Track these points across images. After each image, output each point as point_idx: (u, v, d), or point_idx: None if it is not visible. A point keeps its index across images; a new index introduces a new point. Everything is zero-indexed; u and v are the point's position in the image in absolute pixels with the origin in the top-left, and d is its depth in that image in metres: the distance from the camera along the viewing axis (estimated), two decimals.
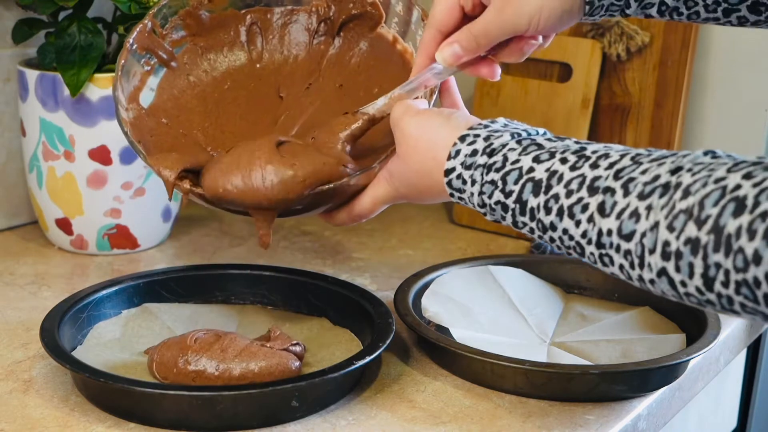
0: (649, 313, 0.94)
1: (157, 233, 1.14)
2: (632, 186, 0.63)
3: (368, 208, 0.83)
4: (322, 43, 0.96)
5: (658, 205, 0.61)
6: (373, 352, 0.78)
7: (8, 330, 0.90)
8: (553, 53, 1.22)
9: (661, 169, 0.62)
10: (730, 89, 1.19)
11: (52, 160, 1.07)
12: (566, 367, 0.79)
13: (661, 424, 0.85)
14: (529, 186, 0.69)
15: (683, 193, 0.59)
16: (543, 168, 0.68)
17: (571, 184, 0.66)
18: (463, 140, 0.73)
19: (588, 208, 0.65)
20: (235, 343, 0.79)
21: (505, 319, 0.93)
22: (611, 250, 0.64)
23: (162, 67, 0.91)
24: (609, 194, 0.64)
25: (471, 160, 0.72)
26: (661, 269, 0.60)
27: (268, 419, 0.74)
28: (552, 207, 0.67)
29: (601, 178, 0.65)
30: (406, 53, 0.91)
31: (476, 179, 0.72)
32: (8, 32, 1.10)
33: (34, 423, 0.74)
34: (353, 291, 0.91)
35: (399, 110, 0.79)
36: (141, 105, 0.88)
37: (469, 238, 1.22)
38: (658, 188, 0.61)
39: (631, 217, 0.62)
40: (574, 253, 0.68)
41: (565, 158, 0.68)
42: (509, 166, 0.70)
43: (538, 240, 0.71)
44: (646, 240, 0.61)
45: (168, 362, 0.79)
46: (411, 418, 0.77)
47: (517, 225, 0.71)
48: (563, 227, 0.67)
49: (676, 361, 0.81)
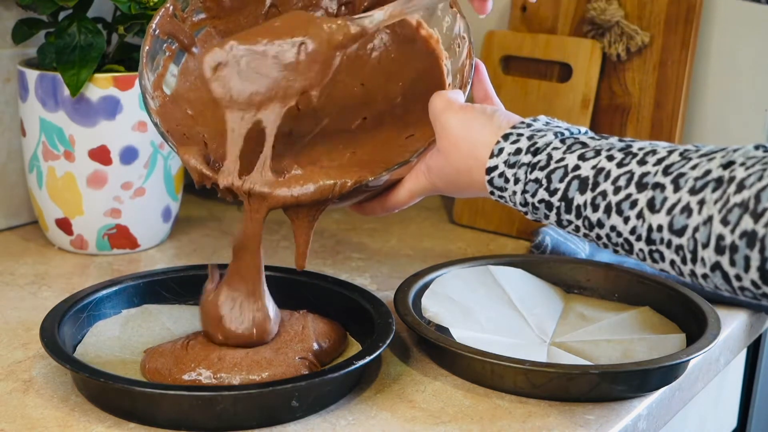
0: (649, 313, 0.94)
1: (157, 233, 1.14)
2: (683, 181, 0.63)
3: (404, 200, 0.83)
4: None
5: (711, 199, 0.60)
6: (373, 352, 0.78)
7: (8, 330, 0.90)
8: (553, 53, 1.22)
9: (711, 164, 0.62)
10: (730, 89, 1.19)
11: (52, 160, 1.07)
12: (566, 367, 0.79)
13: (661, 424, 0.85)
14: (575, 183, 0.69)
15: (737, 187, 0.59)
16: (589, 165, 0.68)
17: (618, 180, 0.66)
18: (507, 138, 0.73)
19: (637, 204, 0.65)
20: (233, 352, 0.79)
21: (505, 319, 0.93)
22: (662, 246, 0.64)
23: (183, 52, 0.89)
24: (659, 190, 0.64)
25: (515, 158, 0.72)
26: (715, 263, 0.60)
27: (268, 419, 0.74)
28: (599, 204, 0.67)
29: (649, 174, 0.65)
30: (431, 39, 0.89)
31: (520, 178, 0.72)
32: (8, 32, 1.10)
33: (34, 423, 0.74)
34: (353, 291, 0.91)
35: (440, 104, 0.78)
36: (165, 92, 0.86)
37: (469, 238, 1.22)
38: (710, 183, 0.61)
39: (682, 212, 0.62)
40: (622, 250, 0.68)
41: (612, 155, 0.68)
42: (554, 164, 0.70)
43: (584, 238, 0.71)
44: (698, 235, 0.61)
45: (161, 370, 0.79)
46: (411, 418, 0.77)
47: (562, 223, 0.71)
48: (611, 224, 0.67)
49: (676, 361, 0.81)
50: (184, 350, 0.80)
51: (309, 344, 0.82)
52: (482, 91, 0.84)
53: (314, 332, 0.84)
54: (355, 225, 1.25)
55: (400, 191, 0.82)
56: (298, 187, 0.80)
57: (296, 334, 0.83)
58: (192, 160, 0.81)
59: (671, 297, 0.94)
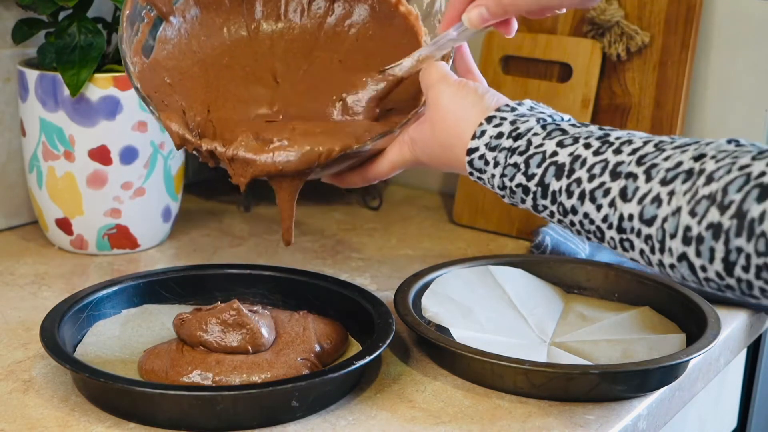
0: (649, 313, 0.94)
1: (157, 233, 1.14)
2: (654, 172, 0.63)
3: (384, 172, 0.83)
4: (322, 8, 0.94)
5: (680, 190, 0.61)
6: (373, 352, 0.78)
7: (8, 330, 0.90)
8: (553, 53, 1.22)
9: (684, 155, 0.63)
10: (730, 89, 1.19)
11: (52, 160, 1.07)
12: (566, 367, 0.79)
13: (661, 424, 0.85)
14: (551, 169, 0.69)
15: (706, 179, 0.60)
16: (566, 152, 0.69)
17: (593, 168, 0.67)
18: (490, 121, 0.74)
19: (610, 193, 0.66)
20: (230, 357, 0.79)
21: (505, 319, 0.93)
22: (632, 235, 0.64)
23: (161, 20, 0.89)
24: (631, 179, 0.65)
25: (496, 142, 0.73)
26: (682, 254, 0.61)
27: (268, 419, 0.74)
28: (574, 191, 0.68)
29: (623, 163, 0.66)
30: (410, 16, 0.89)
31: (499, 161, 0.72)
32: (8, 32, 1.10)
33: (34, 423, 0.74)
34: (353, 291, 0.91)
35: (435, 75, 0.79)
36: (143, 59, 0.87)
37: (469, 238, 1.22)
38: (681, 174, 0.62)
39: (653, 202, 0.63)
40: (594, 237, 0.68)
41: (589, 143, 0.69)
42: (533, 149, 0.71)
43: (558, 224, 0.71)
44: (667, 225, 0.61)
45: (158, 372, 0.78)
46: (411, 418, 0.77)
47: (537, 208, 0.72)
48: (584, 211, 0.68)
49: (676, 361, 0.81)
50: (180, 352, 0.80)
51: (311, 345, 0.82)
52: (464, 66, 0.85)
53: (315, 333, 0.84)
54: (355, 225, 1.25)
55: (381, 162, 0.82)
56: (283, 153, 0.80)
57: (297, 335, 0.83)
58: (173, 125, 0.81)
59: (671, 297, 0.94)
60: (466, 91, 0.77)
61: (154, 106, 0.82)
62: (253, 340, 0.80)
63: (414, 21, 0.89)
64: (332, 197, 1.36)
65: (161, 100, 0.85)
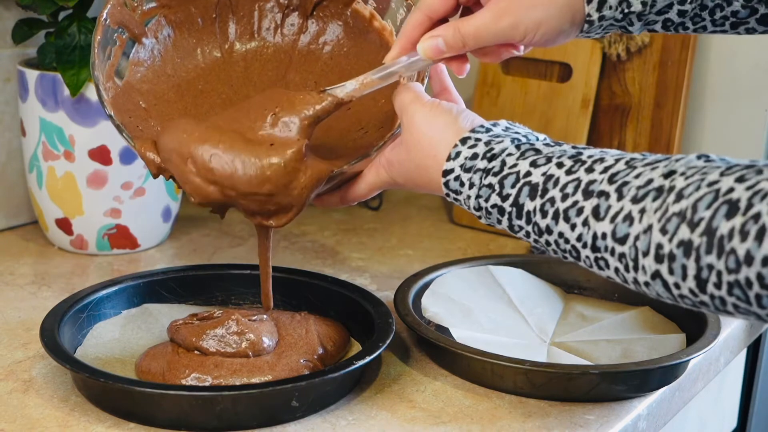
0: (649, 313, 0.94)
1: (157, 233, 1.14)
2: (626, 190, 0.63)
3: (363, 194, 0.82)
4: (295, 25, 0.92)
5: (651, 208, 0.61)
6: (373, 352, 0.78)
7: (8, 330, 0.90)
8: (553, 53, 1.22)
9: (654, 173, 0.63)
10: (730, 89, 1.19)
11: (52, 160, 1.07)
12: (566, 367, 0.79)
13: (661, 424, 0.85)
14: (525, 190, 0.69)
15: (676, 197, 0.60)
16: (540, 172, 0.69)
17: (566, 187, 0.67)
18: (464, 143, 0.73)
19: (583, 212, 0.65)
20: (228, 361, 0.78)
21: (505, 319, 0.93)
22: (606, 254, 0.64)
23: (133, 41, 0.87)
24: (603, 198, 0.64)
25: (471, 163, 0.72)
26: (655, 272, 0.61)
27: (268, 419, 0.74)
28: (548, 210, 0.68)
29: (596, 182, 0.65)
30: (384, 31, 0.88)
31: (474, 182, 0.72)
32: (8, 32, 1.10)
33: (34, 423, 0.74)
34: (353, 291, 0.91)
35: (408, 96, 0.78)
36: (116, 83, 0.85)
37: (469, 238, 1.22)
38: (651, 192, 0.62)
39: (624, 220, 0.62)
40: (570, 257, 0.68)
41: (562, 162, 0.68)
42: (507, 170, 0.70)
43: (534, 244, 0.71)
44: (639, 243, 0.61)
45: (155, 374, 0.78)
46: (411, 418, 0.77)
47: (513, 229, 0.71)
48: (559, 230, 0.67)
49: (676, 361, 0.81)
50: (176, 354, 0.79)
51: (314, 347, 0.82)
52: (439, 84, 0.83)
53: (318, 335, 0.84)
54: (355, 225, 1.25)
55: (359, 184, 0.82)
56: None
57: (300, 337, 0.83)
58: (149, 153, 0.79)
59: None
60: (440, 111, 0.76)
61: (128, 134, 0.81)
62: (254, 347, 0.80)
63: (388, 36, 0.87)
64: None
65: (136, 125, 0.83)
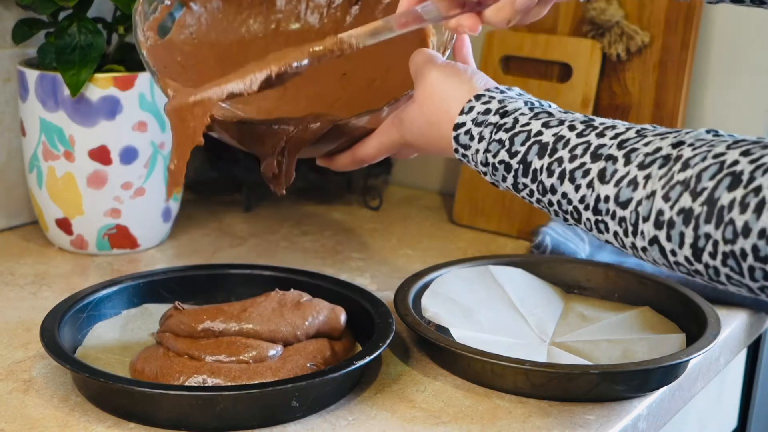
0: (649, 313, 0.94)
1: (157, 233, 1.14)
2: (634, 155, 0.65)
3: (372, 153, 0.84)
4: (339, 11, 0.94)
5: (656, 175, 0.62)
6: (373, 352, 0.78)
7: (8, 330, 0.90)
8: (553, 53, 1.22)
9: (663, 142, 0.64)
10: (730, 89, 1.19)
11: (52, 160, 1.07)
12: (566, 367, 0.79)
13: (661, 424, 0.85)
14: (535, 148, 0.71)
15: (682, 166, 0.61)
16: (551, 132, 0.70)
17: (576, 149, 0.68)
18: (478, 99, 0.75)
19: (589, 174, 0.67)
20: (225, 366, 0.78)
21: (505, 319, 0.93)
22: (607, 217, 0.66)
23: (182, 5, 0.90)
24: (611, 162, 0.66)
25: (483, 117, 0.74)
26: (653, 237, 0.62)
27: (268, 419, 0.74)
28: (554, 170, 0.69)
29: (605, 146, 0.67)
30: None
31: (484, 136, 0.73)
32: (8, 32, 1.10)
33: (34, 423, 0.74)
34: (353, 291, 0.91)
35: (423, 57, 0.80)
36: (158, 36, 0.88)
37: (469, 238, 1.22)
38: (658, 159, 0.63)
39: (629, 185, 0.64)
40: (571, 218, 0.70)
41: (573, 126, 0.70)
42: (519, 128, 0.72)
43: (537, 204, 0.72)
44: (641, 208, 0.63)
45: (150, 377, 0.78)
46: (411, 418, 0.77)
47: (518, 187, 0.73)
48: (563, 191, 0.69)
49: (676, 361, 0.81)
50: (167, 358, 0.79)
51: (323, 350, 0.82)
52: (461, 59, 0.86)
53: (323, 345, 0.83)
54: (355, 225, 1.26)
55: (369, 142, 0.83)
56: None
57: (307, 343, 0.83)
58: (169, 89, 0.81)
59: (671, 297, 0.94)
60: (455, 70, 0.78)
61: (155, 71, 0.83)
62: (259, 356, 0.80)
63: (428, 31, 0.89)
64: (332, 197, 1.36)
65: (169, 76, 0.85)
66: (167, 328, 0.82)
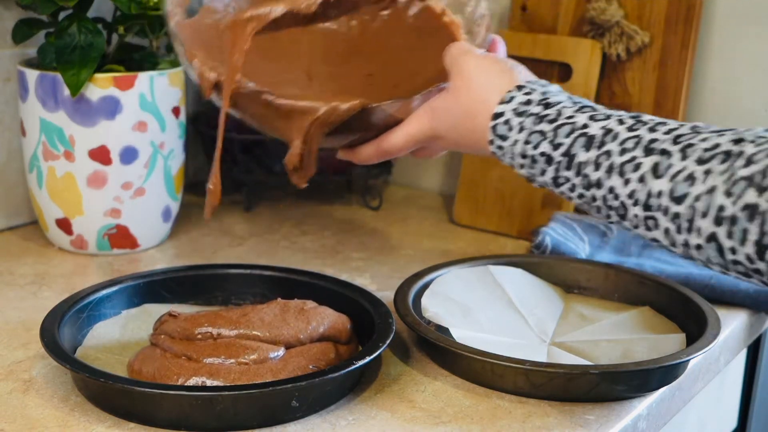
0: (649, 313, 0.94)
1: (157, 233, 1.14)
2: (691, 151, 0.63)
3: (399, 144, 0.81)
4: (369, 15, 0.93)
5: (717, 170, 0.61)
6: (373, 352, 0.78)
7: (8, 330, 0.90)
8: (553, 53, 1.22)
9: (721, 138, 0.63)
10: (730, 89, 1.19)
11: (52, 160, 1.07)
12: (566, 367, 0.79)
13: (661, 424, 0.85)
14: (581, 140, 0.69)
15: (746, 162, 0.60)
16: (599, 126, 0.69)
17: (626, 142, 0.66)
18: (520, 89, 0.74)
19: (640, 168, 0.65)
20: (225, 367, 0.78)
21: (505, 319, 0.93)
22: (658, 213, 0.64)
23: None
24: (665, 156, 0.64)
25: (524, 108, 0.72)
26: (711, 234, 0.60)
27: (268, 419, 0.74)
28: (602, 163, 0.67)
29: (658, 141, 0.65)
30: (453, 26, 0.88)
31: (525, 126, 0.72)
32: (8, 32, 1.10)
33: (34, 423, 0.74)
34: (353, 291, 0.91)
35: (459, 48, 0.79)
36: (185, 14, 0.88)
37: (469, 238, 1.22)
38: (718, 155, 0.61)
39: (686, 180, 0.62)
40: (615, 214, 0.67)
41: (622, 120, 0.68)
42: (563, 119, 0.71)
43: (578, 200, 0.70)
44: (698, 204, 0.61)
45: (147, 378, 0.78)
46: (411, 418, 0.77)
47: (558, 180, 0.71)
48: (610, 185, 0.67)
49: (676, 361, 0.81)
50: (165, 359, 0.79)
51: (327, 351, 0.82)
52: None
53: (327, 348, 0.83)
54: (355, 225, 1.26)
55: (397, 133, 0.80)
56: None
57: (311, 346, 0.82)
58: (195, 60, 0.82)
59: (671, 297, 0.94)
60: (494, 60, 0.77)
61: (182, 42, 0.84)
62: (260, 358, 0.79)
63: (456, 31, 0.88)
64: (332, 197, 1.36)
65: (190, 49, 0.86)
66: (162, 331, 0.82)
